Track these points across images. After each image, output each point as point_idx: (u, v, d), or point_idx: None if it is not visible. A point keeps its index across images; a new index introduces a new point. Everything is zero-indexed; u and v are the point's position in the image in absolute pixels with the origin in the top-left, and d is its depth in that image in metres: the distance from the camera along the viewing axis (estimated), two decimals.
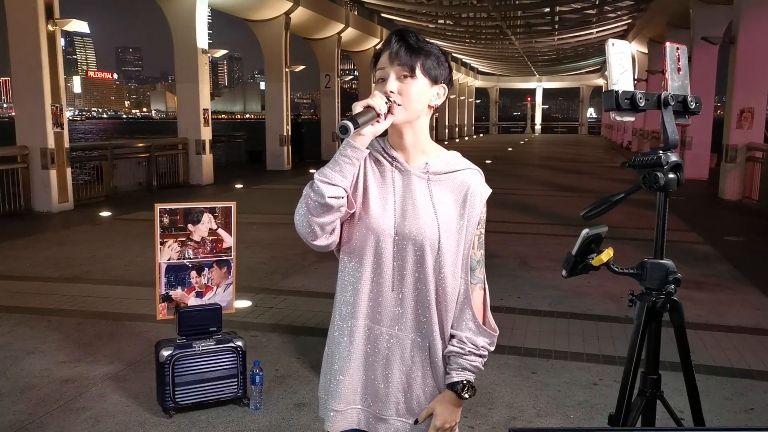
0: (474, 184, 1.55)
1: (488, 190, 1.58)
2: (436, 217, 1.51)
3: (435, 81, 1.53)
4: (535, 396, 3.61)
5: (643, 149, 23.76)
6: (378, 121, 1.45)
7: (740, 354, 4.26)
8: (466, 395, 1.53)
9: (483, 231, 1.58)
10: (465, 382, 1.53)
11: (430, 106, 1.55)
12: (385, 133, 1.53)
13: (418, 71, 1.50)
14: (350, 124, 1.38)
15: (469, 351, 1.53)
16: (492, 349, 1.58)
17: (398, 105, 1.49)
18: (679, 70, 1.67)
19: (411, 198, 1.53)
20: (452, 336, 1.56)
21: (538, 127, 57.66)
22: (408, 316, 1.54)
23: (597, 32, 28.97)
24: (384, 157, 1.57)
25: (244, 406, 3.44)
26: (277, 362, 4.06)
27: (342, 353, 1.57)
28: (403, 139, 1.56)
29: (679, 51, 1.67)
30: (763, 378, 3.87)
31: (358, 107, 1.43)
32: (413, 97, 1.50)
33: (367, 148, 1.48)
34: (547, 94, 64.50)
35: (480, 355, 1.55)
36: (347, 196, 1.47)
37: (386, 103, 1.46)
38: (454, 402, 1.54)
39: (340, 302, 1.60)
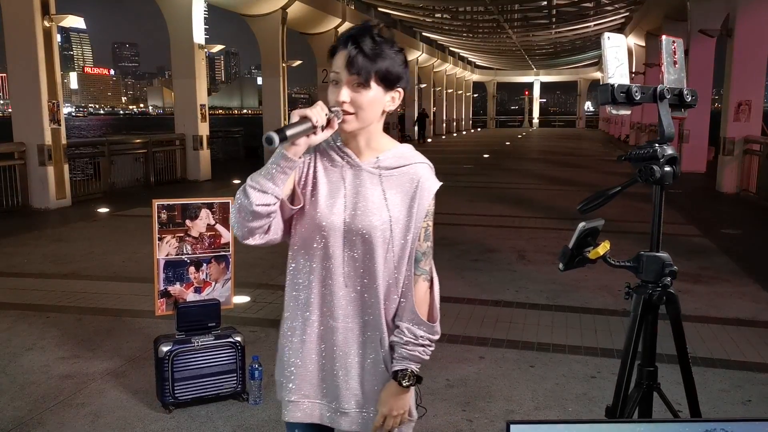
0: (423, 178, 1.54)
1: (437, 184, 1.56)
2: (388, 211, 1.51)
3: (390, 87, 1.51)
4: (533, 389, 3.62)
5: (640, 142, 23.76)
6: (315, 134, 1.41)
7: (737, 346, 4.28)
8: (406, 383, 1.54)
9: (430, 223, 1.57)
10: (406, 370, 1.54)
11: (383, 111, 1.54)
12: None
13: (372, 81, 1.46)
14: (275, 137, 1.29)
15: (407, 341, 1.54)
16: (435, 338, 1.57)
17: (351, 113, 1.47)
18: (675, 63, 1.67)
19: (363, 193, 1.52)
20: (396, 326, 1.58)
21: (535, 120, 57.65)
22: (360, 310, 1.55)
23: (594, 26, 28.94)
24: (336, 153, 1.56)
25: (243, 400, 3.45)
26: (275, 357, 4.06)
27: (294, 347, 1.59)
28: (356, 141, 1.55)
29: (675, 44, 1.67)
30: (760, 370, 3.89)
31: (295, 116, 1.39)
32: (365, 107, 1.47)
33: (320, 144, 1.50)
34: (545, 87, 64.48)
35: (420, 345, 1.55)
36: (295, 192, 1.51)
37: (326, 114, 1.41)
38: (398, 390, 1.55)
39: (291, 297, 1.61)
